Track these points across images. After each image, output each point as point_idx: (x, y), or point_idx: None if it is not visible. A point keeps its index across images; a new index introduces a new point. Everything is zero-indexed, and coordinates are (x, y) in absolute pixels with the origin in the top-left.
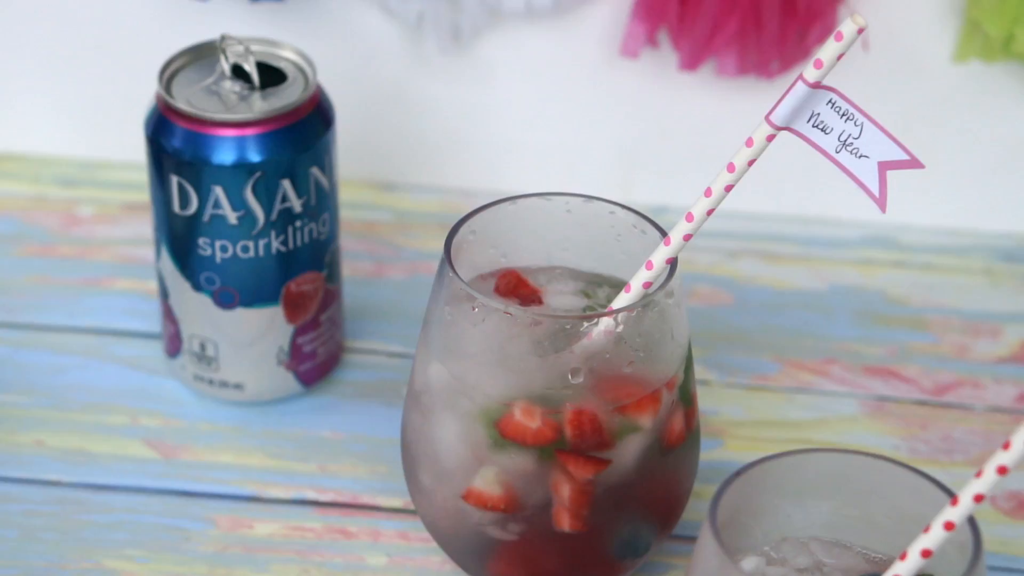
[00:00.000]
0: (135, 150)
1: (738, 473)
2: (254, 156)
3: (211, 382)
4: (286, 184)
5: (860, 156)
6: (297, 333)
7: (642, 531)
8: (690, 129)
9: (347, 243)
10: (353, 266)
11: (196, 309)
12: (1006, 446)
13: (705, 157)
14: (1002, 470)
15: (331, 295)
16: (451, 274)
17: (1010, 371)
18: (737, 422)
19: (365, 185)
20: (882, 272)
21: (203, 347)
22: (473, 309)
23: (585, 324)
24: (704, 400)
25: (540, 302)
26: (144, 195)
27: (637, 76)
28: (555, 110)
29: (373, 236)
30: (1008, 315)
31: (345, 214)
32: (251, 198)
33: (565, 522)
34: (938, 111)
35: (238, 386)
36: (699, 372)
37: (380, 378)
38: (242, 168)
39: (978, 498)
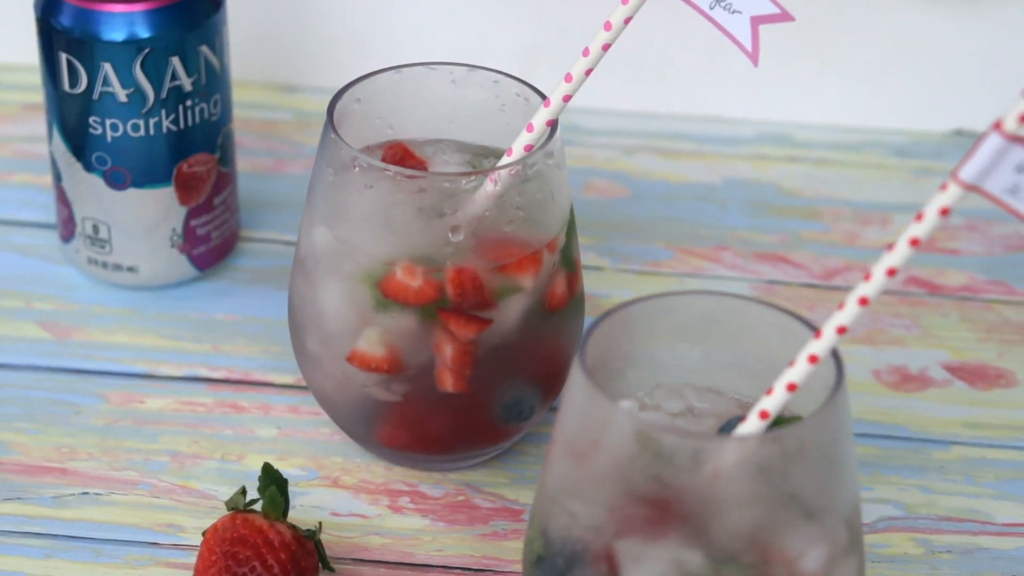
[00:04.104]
0: (34, 53)
1: (608, 313)
2: (143, 32)
3: (105, 265)
4: (175, 62)
5: (733, 12)
6: (190, 215)
7: (526, 395)
8: (587, 28)
9: (246, 140)
10: (252, 162)
11: (88, 190)
12: (867, 277)
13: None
14: (863, 301)
15: (224, 179)
16: (334, 137)
17: None
18: None
19: (265, 87)
20: (776, 167)
21: (96, 229)
22: (355, 169)
23: (465, 182)
24: (596, 285)
25: None
26: (42, 97)
27: None
28: (455, 12)
29: (272, 134)
30: (898, 206)
31: (245, 113)
32: (140, 75)
33: (448, 382)
34: (830, 10)
35: (132, 269)
36: (592, 260)
37: (276, 265)
38: (131, 44)
39: (841, 330)
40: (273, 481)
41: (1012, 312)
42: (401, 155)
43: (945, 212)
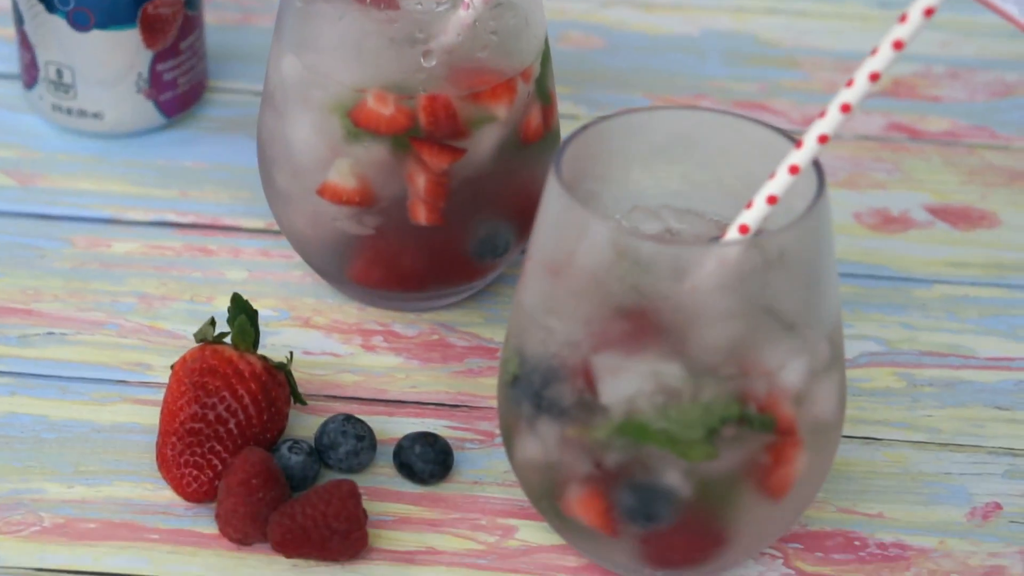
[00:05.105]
0: None
1: (584, 127)
2: None
3: (69, 111)
4: None
5: None
6: (156, 59)
7: (500, 229)
8: None
9: None
10: (220, 15)
11: (51, 33)
12: (849, 84)
13: None
14: (845, 108)
15: (191, 22)
16: None
17: (879, 103)
18: None
19: None
20: (755, 18)
21: (60, 74)
22: None
23: (437, 5)
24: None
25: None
26: None
27: None
28: None
29: None
30: None
31: None
32: None
33: (421, 214)
34: None
35: (97, 115)
36: (568, 108)
37: (245, 114)
38: None
39: (822, 139)
40: (243, 311)
41: (995, 156)
42: None
43: (929, 13)
